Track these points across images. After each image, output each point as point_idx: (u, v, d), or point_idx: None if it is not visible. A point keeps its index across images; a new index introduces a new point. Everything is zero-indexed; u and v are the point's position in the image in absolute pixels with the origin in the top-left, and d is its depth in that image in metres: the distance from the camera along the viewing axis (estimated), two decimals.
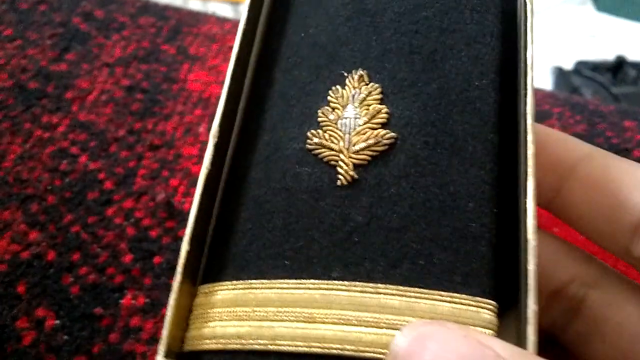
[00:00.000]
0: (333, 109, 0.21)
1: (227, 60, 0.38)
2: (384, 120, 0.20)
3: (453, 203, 0.19)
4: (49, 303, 0.27)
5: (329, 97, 0.21)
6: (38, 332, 0.26)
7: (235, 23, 0.41)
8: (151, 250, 0.29)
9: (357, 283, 0.18)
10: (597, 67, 0.80)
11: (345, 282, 0.18)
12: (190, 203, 0.31)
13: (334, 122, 0.20)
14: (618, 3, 0.95)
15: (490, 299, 0.18)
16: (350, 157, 0.20)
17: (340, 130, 0.20)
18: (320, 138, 0.20)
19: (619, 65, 0.79)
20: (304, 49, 0.23)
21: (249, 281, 0.19)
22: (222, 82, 0.37)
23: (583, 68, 0.80)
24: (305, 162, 0.20)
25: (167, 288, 0.28)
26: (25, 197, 0.30)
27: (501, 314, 0.18)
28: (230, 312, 0.19)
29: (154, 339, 0.26)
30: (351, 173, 0.19)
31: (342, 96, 0.21)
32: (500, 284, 0.18)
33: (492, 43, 0.21)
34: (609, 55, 0.83)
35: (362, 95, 0.21)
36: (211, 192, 0.21)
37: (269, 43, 0.24)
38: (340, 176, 0.20)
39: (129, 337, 0.26)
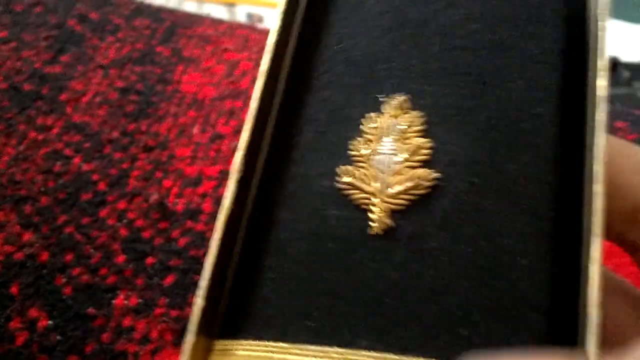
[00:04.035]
0: (367, 141, 0.18)
1: (221, 62, 0.38)
2: (427, 157, 0.17)
3: (502, 259, 0.16)
4: (42, 303, 0.27)
5: (362, 126, 0.18)
6: (31, 332, 0.27)
7: (230, 25, 0.41)
8: (144, 251, 0.29)
9: (388, 356, 0.15)
10: None
11: (375, 354, 0.15)
12: (184, 204, 0.31)
13: (367, 157, 0.18)
14: (611, 4, 0.95)
15: None
16: (386, 202, 0.17)
17: (375, 169, 0.17)
18: (351, 176, 0.18)
19: (613, 66, 0.79)
20: (337, 65, 0.20)
21: (269, 342, 0.17)
22: (216, 84, 0.37)
23: None
24: (334, 204, 0.18)
25: (160, 289, 0.28)
26: (19, 198, 0.30)
27: None
28: None
29: (146, 339, 0.27)
30: (386, 221, 0.17)
31: (378, 126, 0.18)
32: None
33: (553, 60, 0.18)
34: None
35: (402, 127, 0.18)
36: (232, 233, 0.18)
37: (300, 53, 0.21)
38: (373, 223, 0.17)
39: (122, 337, 0.27)
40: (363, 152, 0.18)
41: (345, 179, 0.18)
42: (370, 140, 0.18)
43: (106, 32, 0.39)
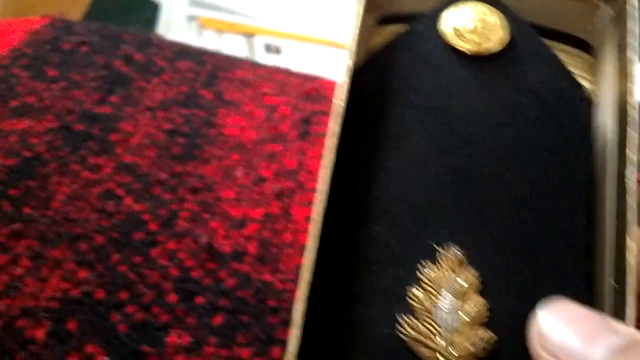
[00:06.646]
0: (425, 290, 0.20)
1: (260, 106, 0.40)
2: (486, 319, 0.19)
3: None
4: (98, 340, 0.29)
5: (418, 274, 0.20)
6: None
7: (268, 68, 0.43)
8: (194, 290, 0.30)
9: None
10: None
11: None
12: (230, 246, 0.32)
13: (429, 311, 0.19)
14: None
15: None
16: None
17: (438, 325, 0.19)
18: (416, 330, 0.19)
19: None
20: (391, 206, 0.21)
21: None
22: (257, 128, 0.39)
23: None
24: (398, 356, 0.19)
25: (210, 328, 0.29)
26: (75, 236, 0.32)
27: None
28: None
29: None
30: None
31: (436, 277, 0.20)
32: None
33: (580, 209, 0.20)
34: None
35: (464, 287, 0.20)
36: None
37: (349, 188, 0.22)
38: None
39: None
40: (425, 303, 0.20)
41: (412, 333, 0.19)
42: (430, 292, 0.20)
43: (151, 74, 0.41)
